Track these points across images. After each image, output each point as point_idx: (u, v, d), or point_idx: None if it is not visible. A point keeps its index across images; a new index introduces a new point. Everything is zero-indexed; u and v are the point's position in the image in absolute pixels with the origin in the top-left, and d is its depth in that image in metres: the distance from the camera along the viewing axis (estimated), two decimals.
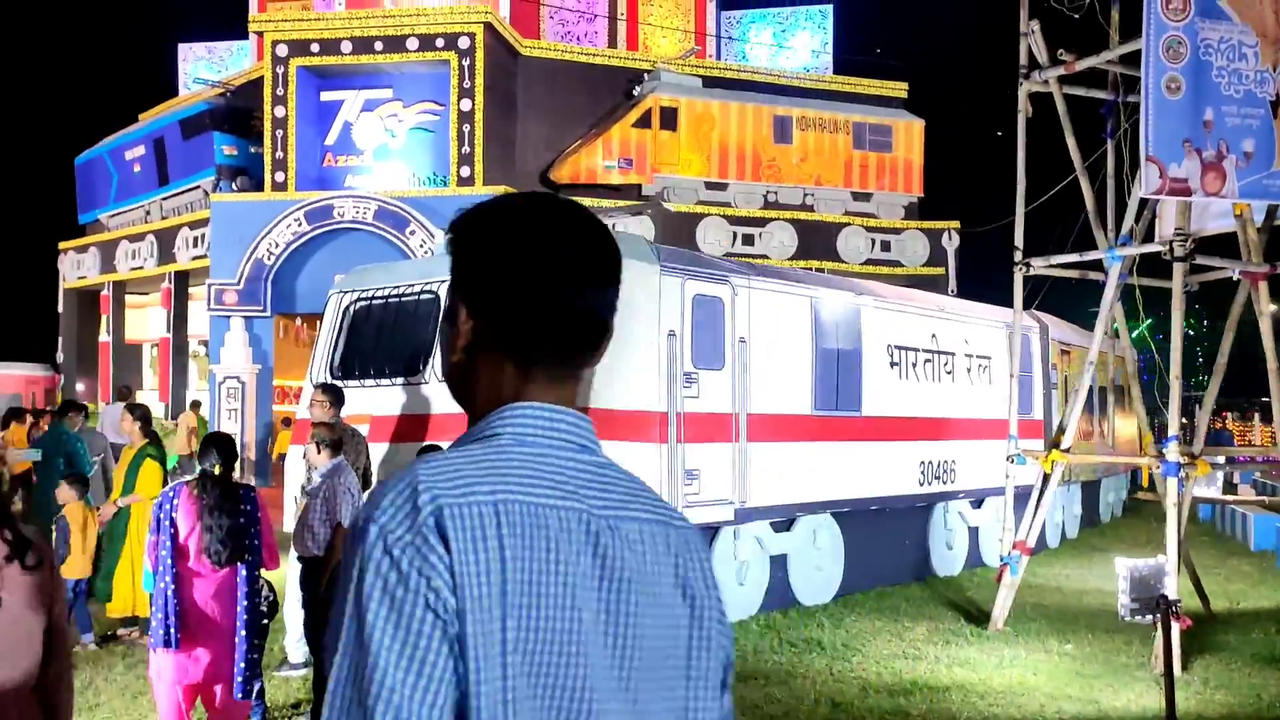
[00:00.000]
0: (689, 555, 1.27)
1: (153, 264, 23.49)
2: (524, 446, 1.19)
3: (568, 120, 22.53)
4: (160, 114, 25.29)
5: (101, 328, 25.85)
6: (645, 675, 1.18)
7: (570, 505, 1.17)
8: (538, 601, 1.11)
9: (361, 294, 8.89)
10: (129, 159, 25.61)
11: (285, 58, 20.85)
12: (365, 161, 21.56)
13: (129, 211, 25.97)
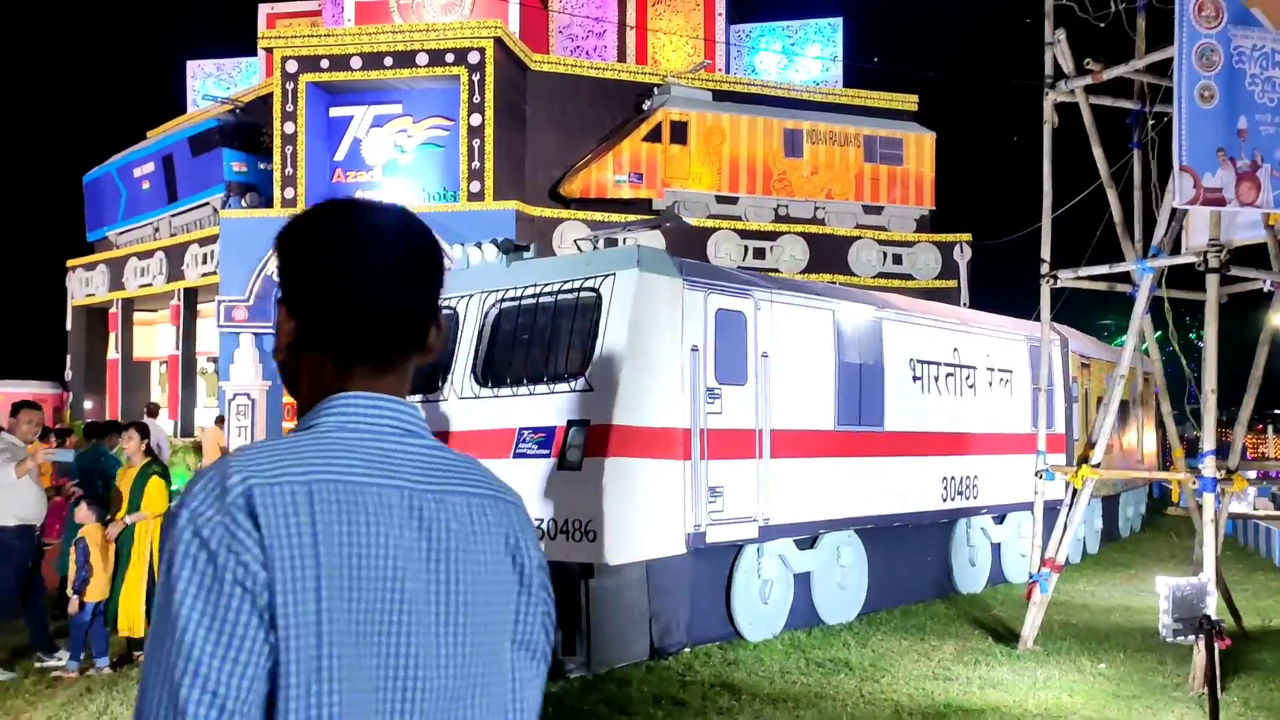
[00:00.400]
0: (518, 527, 1.34)
1: (161, 281, 23.44)
2: (344, 433, 1.26)
3: (578, 135, 22.49)
4: (169, 131, 25.30)
5: (110, 345, 25.80)
6: (474, 641, 1.25)
7: (390, 483, 1.23)
8: (356, 574, 1.16)
9: None
10: (138, 176, 25.61)
11: (295, 74, 20.84)
12: (375, 177, 21.52)
13: (138, 229, 25.96)
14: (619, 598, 7.26)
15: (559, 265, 8.13)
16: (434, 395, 8.07)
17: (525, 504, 1.40)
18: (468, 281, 8.31)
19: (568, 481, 7.10)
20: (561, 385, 7.38)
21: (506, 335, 7.96)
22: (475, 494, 1.31)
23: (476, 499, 1.31)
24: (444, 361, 8.10)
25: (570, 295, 7.63)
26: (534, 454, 7.32)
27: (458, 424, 7.88)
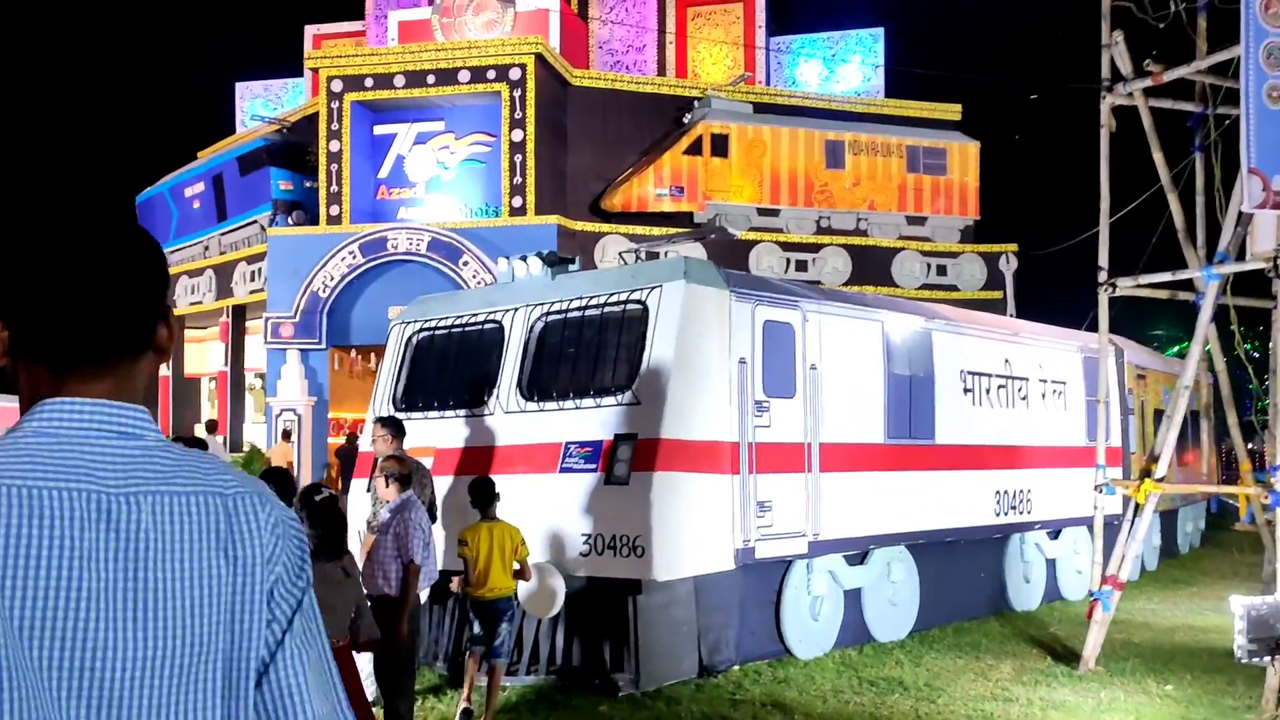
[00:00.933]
0: (237, 517, 1.35)
1: (211, 298, 23.74)
2: (40, 437, 1.28)
3: (618, 149, 22.49)
4: (218, 151, 25.67)
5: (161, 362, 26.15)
6: (180, 634, 1.27)
7: (76, 485, 1.24)
8: (33, 576, 1.19)
9: (424, 325, 8.78)
10: (188, 195, 26.01)
11: (340, 93, 21.05)
12: (418, 194, 21.65)
13: (188, 247, 26.34)
14: (667, 614, 7.15)
15: (604, 278, 8.06)
16: (480, 410, 8.03)
17: (261, 494, 1.39)
18: (512, 295, 8.27)
19: (614, 496, 7.00)
20: (608, 399, 7.30)
21: (552, 349, 7.90)
22: (186, 492, 1.32)
23: (181, 496, 1.31)
24: (489, 375, 8.06)
25: (616, 308, 7.55)
26: (580, 469, 7.24)
27: (503, 439, 7.82)
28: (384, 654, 5.77)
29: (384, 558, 5.72)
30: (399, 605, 5.64)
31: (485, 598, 6.34)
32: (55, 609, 1.21)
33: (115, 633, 1.25)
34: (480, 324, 8.35)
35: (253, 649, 1.34)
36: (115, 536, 1.26)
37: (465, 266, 19.89)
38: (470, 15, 22.60)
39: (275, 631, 1.36)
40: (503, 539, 6.35)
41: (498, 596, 6.35)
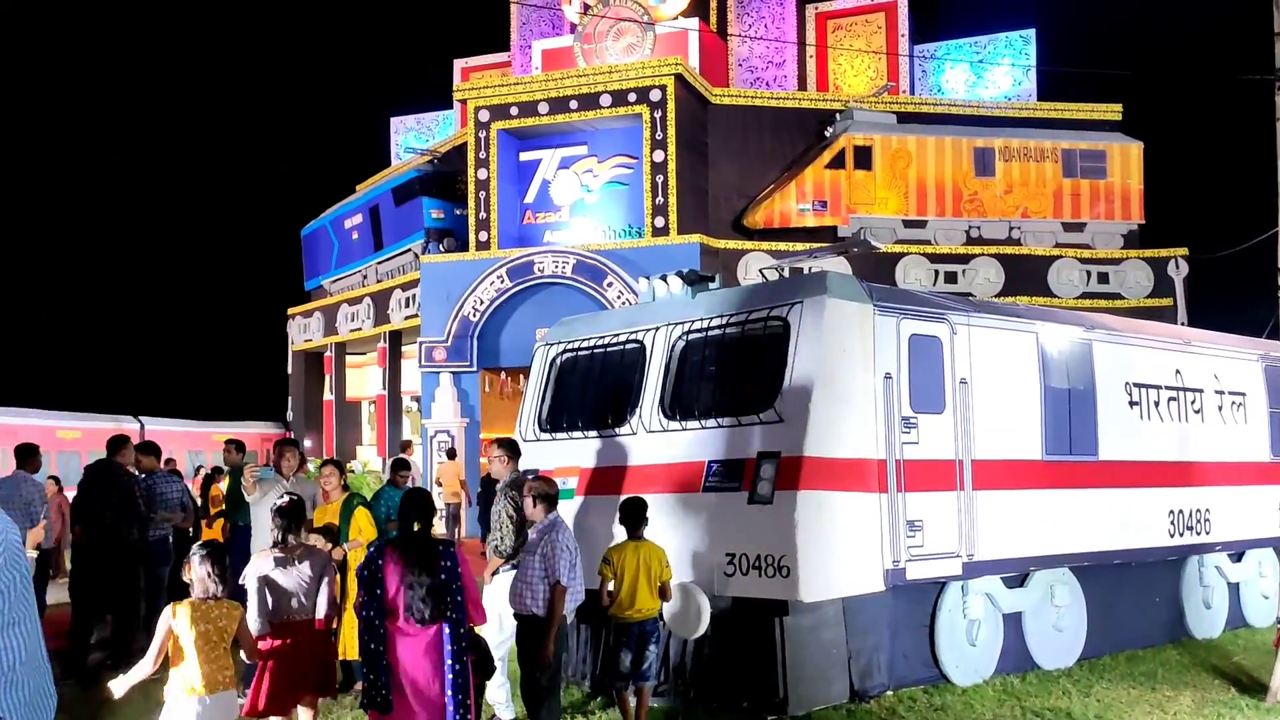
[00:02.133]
0: None
1: (369, 325, 24.76)
2: None
3: (760, 165, 22.39)
4: (375, 184, 26.83)
5: (325, 387, 27.44)
6: None
7: None
8: None
9: (568, 346, 8.89)
10: (348, 227, 27.26)
11: (487, 122, 21.70)
12: (563, 217, 22.08)
13: (348, 276, 27.57)
14: (815, 636, 6.99)
15: (745, 295, 7.98)
16: (622, 429, 8.06)
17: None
18: (654, 315, 8.28)
19: (758, 515, 6.90)
20: (750, 417, 7.21)
21: (693, 367, 7.87)
22: None
23: None
24: (632, 394, 8.08)
25: (758, 325, 7.47)
26: (723, 487, 7.17)
27: (645, 458, 7.82)
28: (530, 673, 5.83)
29: (531, 578, 5.78)
30: (546, 625, 5.69)
31: (631, 619, 6.34)
32: None
33: None
34: (622, 344, 8.39)
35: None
36: None
37: (609, 288, 20.14)
38: (611, 40, 22.96)
39: None
40: (649, 559, 6.34)
41: (644, 618, 6.34)
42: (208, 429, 28.50)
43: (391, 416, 24.38)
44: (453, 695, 4.78)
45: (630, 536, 6.44)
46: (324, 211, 28.83)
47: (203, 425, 28.75)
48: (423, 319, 21.60)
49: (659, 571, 6.37)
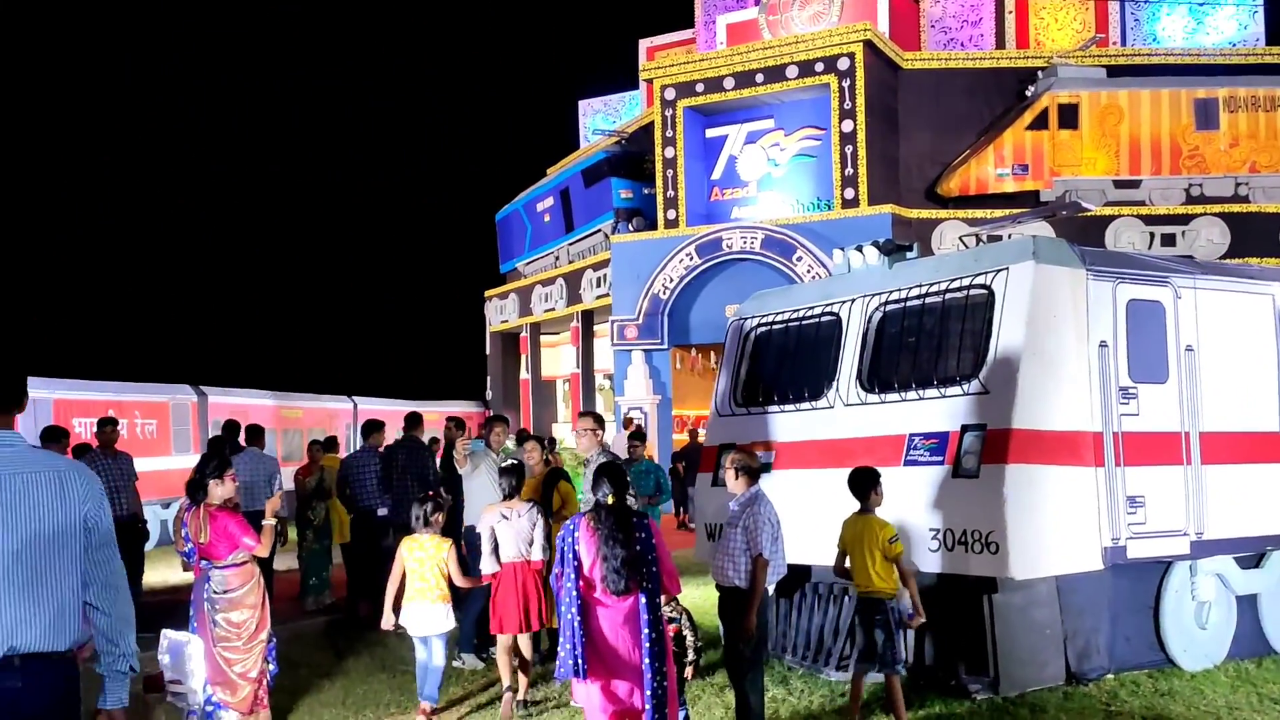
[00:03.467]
0: (66, 481, 3.19)
1: (562, 305, 25.44)
2: None
3: (954, 131, 21.56)
4: (565, 167, 27.48)
5: (521, 366, 28.43)
6: (22, 541, 3.07)
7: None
8: None
9: (762, 320, 8.86)
10: (540, 210, 28.07)
11: (673, 100, 21.81)
12: (750, 193, 21.98)
13: (541, 259, 28.40)
14: (1027, 615, 6.72)
15: (945, 263, 7.72)
16: (819, 403, 7.97)
17: (80, 469, 3.34)
18: (849, 286, 8.14)
19: (964, 490, 6.69)
20: (953, 389, 6.99)
21: (892, 339, 7.68)
22: (38, 471, 3.18)
23: (38, 473, 3.18)
24: (829, 368, 7.98)
25: (959, 294, 7.21)
26: (926, 461, 6.98)
27: (844, 431, 7.72)
28: (733, 646, 5.88)
29: (733, 550, 5.81)
30: (747, 598, 5.72)
31: (860, 593, 6.21)
32: None
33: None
34: (817, 317, 8.28)
35: (78, 540, 3.19)
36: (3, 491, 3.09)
37: (799, 262, 19.93)
38: (796, 9, 22.61)
39: (90, 528, 3.21)
40: (871, 533, 6.14)
41: (869, 594, 6.17)
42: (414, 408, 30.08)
43: (585, 394, 25.00)
44: (650, 664, 4.86)
45: (861, 509, 6.26)
46: (516, 196, 29.76)
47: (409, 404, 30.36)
48: (614, 298, 22.01)
49: (882, 546, 6.11)
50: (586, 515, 5.06)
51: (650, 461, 10.87)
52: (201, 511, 6.21)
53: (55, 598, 3.10)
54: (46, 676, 3.09)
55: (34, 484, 3.14)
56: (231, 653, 6.12)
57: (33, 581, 3.07)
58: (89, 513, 3.20)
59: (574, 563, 4.96)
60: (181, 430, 19.51)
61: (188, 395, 20.16)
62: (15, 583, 3.05)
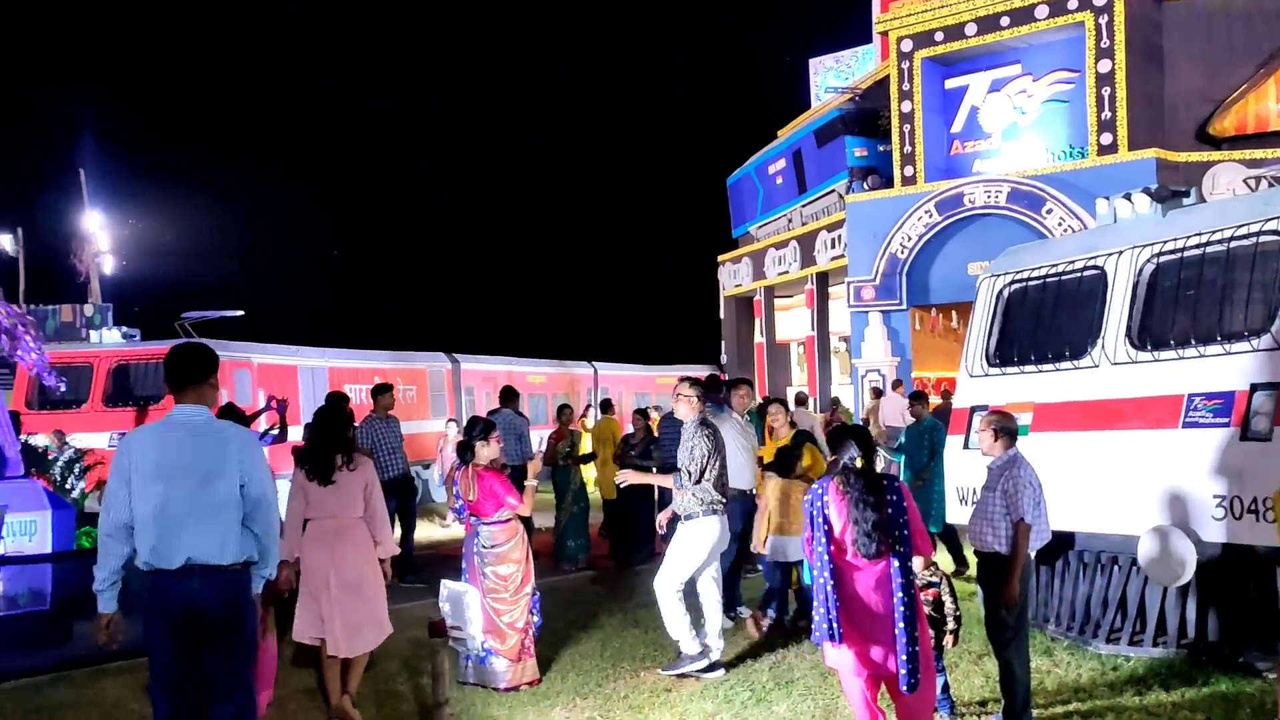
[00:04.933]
0: (232, 442, 4.39)
1: (796, 268, 25.21)
2: (171, 417, 4.41)
3: (1228, 64, 19.61)
4: (796, 128, 27.11)
5: (755, 330, 28.44)
6: (206, 488, 4.28)
7: (175, 431, 4.36)
8: (154, 464, 4.28)
9: (1016, 276, 8.45)
10: (771, 173, 27.86)
11: (909, 52, 21.04)
12: (994, 144, 20.93)
13: (773, 221, 28.23)
14: None
15: (1230, 209, 7.06)
16: (1082, 362, 7.54)
17: (238, 429, 4.61)
18: (1116, 238, 7.61)
19: (1254, 454, 6.15)
20: (1240, 344, 6.42)
21: (1167, 292, 7.13)
22: (212, 432, 4.39)
23: (213, 432, 4.39)
24: (1093, 324, 7.52)
25: (1247, 241, 6.60)
26: (1208, 423, 6.47)
27: (1110, 391, 7.26)
28: (994, 613, 5.70)
29: (993, 514, 5.62)
30: (1009, 564, 5.52)
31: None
32: (158, 473, 4.30)
33: (185, 484, 4.27)
34: (1079, 271, 7.81)
35: (236, 484, 4.33)
36: (191, 448, 4.32)
37: (1049, 215, 18.84)
38: None
39: (245, 478, 4.33)
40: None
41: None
42: (651, 373, 30.76)
43: (821, 357, 24.73)
44: (904, 628, 4.79)
45: None
46: (747, 160, 29.66)
47: (646, 369, 31.07)
48: (850, 259, 21.60)
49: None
50: (835, 479, 5.03)
51: (932, 418, 10.66)
52: (469, 471, 6.63)
53: (221, 525, 4.27)
54: (215, 581, 4.26)
55: (208, 443, 4.32)
56: (500, 603, 6.53)
57: (206, 513, 4.26)
58: (244, 464, 4.32)
59: (824, 527, 4.95)
60: (438, 395, 20.84)
61: (443, 363, 21.49)
62: (194, 513, 4.23)
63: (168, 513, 4.22)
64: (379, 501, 6.09)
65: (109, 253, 28.87)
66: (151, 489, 4.23)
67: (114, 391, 15.57)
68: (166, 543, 4.21)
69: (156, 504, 4.22)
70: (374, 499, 6.03)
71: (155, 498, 4.22)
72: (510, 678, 6.61)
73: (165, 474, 4.25)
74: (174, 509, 4.23)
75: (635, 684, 6.79)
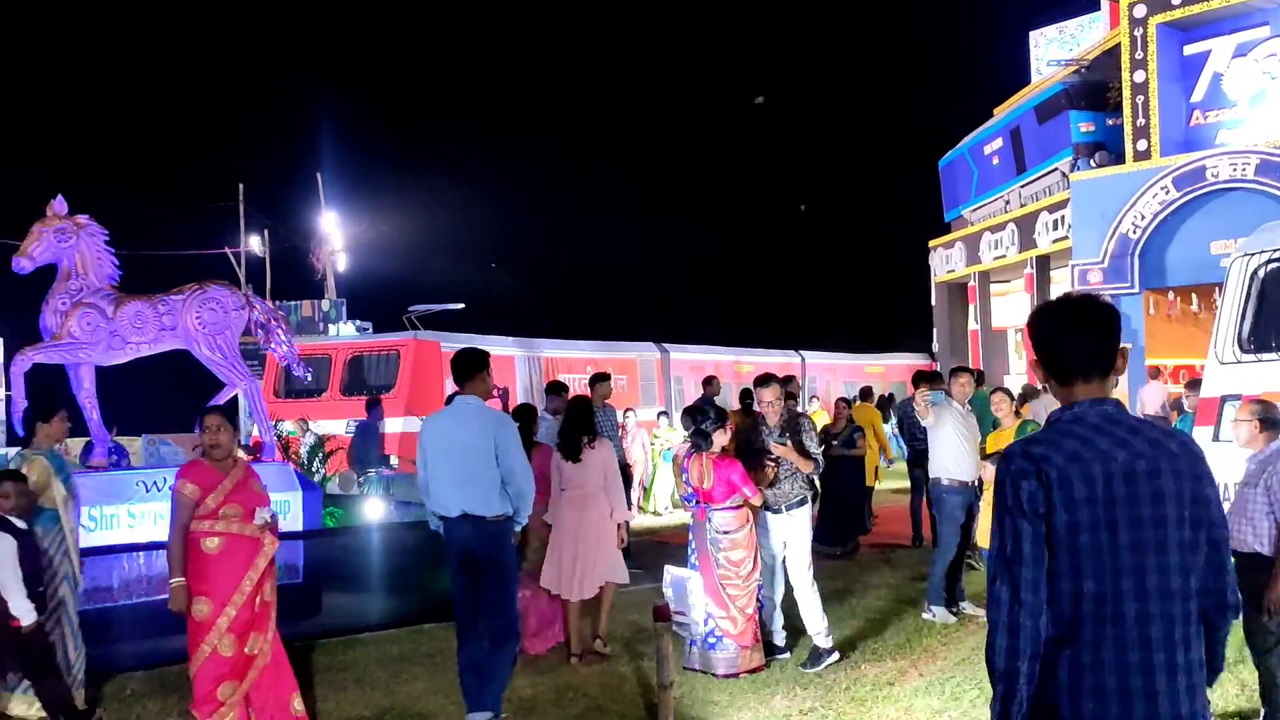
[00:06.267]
0: (490, 422, 5.73)
1: (1014, 252, 24.09)
2: (454, 404, 6.10)
3: None
4: (1015, 104, 25.88)
5: (969, 316, 27.39)
6: (475, 457, 5.69)
7: (454, 415, 5.97)
8: (439, 439, 5.83)
9: (1273, 255, 7.78)
10: (987, 153, 26.72)
11: (1143, 18, 19.67)
12: (1239, 113, 19.29)
13: (989, 204, 27.09)
14: None
15: None
16: None
17: (499, 414, 6.01)
18: None
19: None
20: None
21: None
22: (474, 416, 5.79)
23: (473, 417, 5.79)
24: None
25: None
26: None
27: None
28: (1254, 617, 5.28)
29: (1252, 512, 5.21)
30: (1272, 565, 5.10)
31: None
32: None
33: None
34: None
35: (494, 453, 5.63)
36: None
37: None
38: None
39: (500, 452, 5.65)
40: None
41: None
42: (859, 361, 30.19)
43: None
44: None
45: None
46: (961, 140, 28.57)
47: (855, 358, 30.53)
48: (1074, 240, 20.43)
49: None
50: None
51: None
52: (704, 459, 6.72)
53: (483, 487, 5.63)
54: (482, 528, 5.66)
55: (476, 424, 5.68)
56: (734, 589, 6.61)
57: (473, 477, 5.63)
58: (499, 442, 5.64)
59: None
60: (648, 384, 21.21)
61: (653, 352, 21.85)
62: (465, 477, 5.63)
63: (448, 476, 5.69)
64: (615, 476, 7.34)
65: (342, 251, 30.98)
66: (438, 458, 5.71)
67: (350, 381, 16.70)
68: (448, 498, 5.70)
69: (441, 469, 5.69)
70: (611, 473, 7.28)
71: (440, 464, 5.70)
72: (740, 663, 6.68)
73: (446, 447, 5.71)
74: (452, 473, 5.67)
75: (856, 675, 6.70)
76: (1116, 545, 2.36)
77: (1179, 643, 2.37)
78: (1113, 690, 2.32)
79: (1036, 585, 2.35)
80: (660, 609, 5.90)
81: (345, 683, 6.81)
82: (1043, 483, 2.38)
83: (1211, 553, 2.47)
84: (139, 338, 8.99)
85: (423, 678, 6.86)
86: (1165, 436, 2.50)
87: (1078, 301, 2.59)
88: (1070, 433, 2.45)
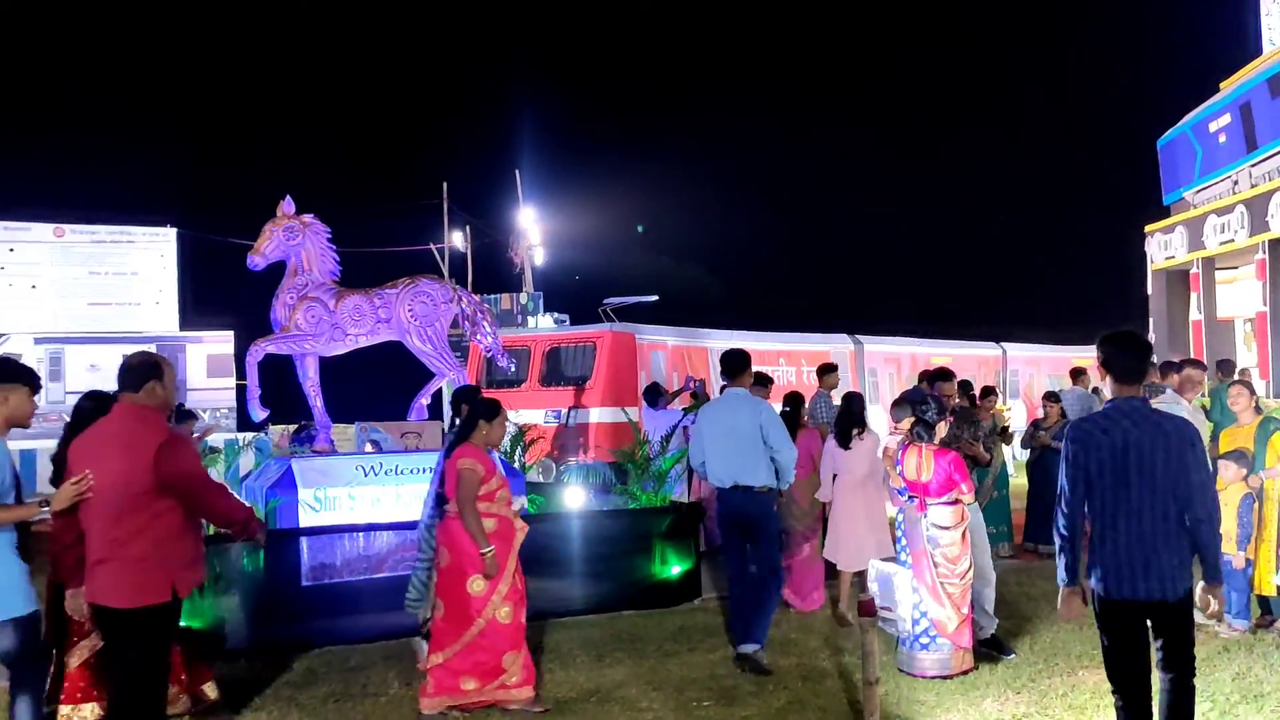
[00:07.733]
0: (752, 409, 6.88)
1: (1243, 235, 22.26)
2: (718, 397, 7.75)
3: None
4: (1244, 78, 23.92)
5: (1191, 306, 25.52)
6: (742, 436, 6.87)
7: (719, 404, 7.28)
8: (710, 424, 7.01)
9: None
10: (1213, 131, 24.83)
11: None
12: None
13: (1215, 185, 25.16)
14: None
15: None
16: None
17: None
18: None
19: None
20: None
21: None
22: (739, 403, 6.94)
23: (740, 404, 6.93)
24: None
25: None
26: None
27: None
28: None
29: None
30: None
31: None
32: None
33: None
34: None
35: (759, 436, 6.77)
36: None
37: None
38: None
39: (764, 432, 6.77)
40: None
41: None
42: (1065, 354, 28.66)
43: (1275, 335, 21.66)
44: None
45: None
46: (1182, 118, 26.61)
47: (1060, 350, 29.01)
48: None
49: None
50: None
51: None
52: (923, 450, 6.50)
53: (750, 461, 6.70)
54: (749, 497, 6.73)
55: (743, 410, 6.79)
56: (951, 586, 6.38)
57: (741, 453, 6.71)
58: (763, 424, 6.72)
59: None
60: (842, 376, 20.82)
61: (846, 344, 21.44)
62: (737, 452, 6.72)
63: (722, 454, 6.79)
64: (877, 464, 8.21)
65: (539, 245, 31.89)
66: (714, 439, 6.84)
67: (548, 372, 17.15)
68: (722, 471, 6.78)
69: (717, 448, 6.80)
70: (875, 459, 8.22)
71: (715, 444, 6.81)
72: (953, 664, 6.45)
73: (718, 430, 6.82)
74: (725, 452, 6.76)
75: (1074, 682, 6.35)
76: (1123, 481, 4.10)
77: (1162, 535, 4.06)
78: (1122, 549, 4.11)
79: (1076, 502, 4.19)
80: (866, 604, 5.77)
81: (550, 664, 6.99)
82: (1082, 446, 4.16)
83: (1193, 526, 4.11)
84: (357, 329, 9.51)
85: (625, 663, 6.97)
86: (1166, 420, 4.13)
87: (1125, 334, 4.29)
88: (1107, 414, 4.19)
